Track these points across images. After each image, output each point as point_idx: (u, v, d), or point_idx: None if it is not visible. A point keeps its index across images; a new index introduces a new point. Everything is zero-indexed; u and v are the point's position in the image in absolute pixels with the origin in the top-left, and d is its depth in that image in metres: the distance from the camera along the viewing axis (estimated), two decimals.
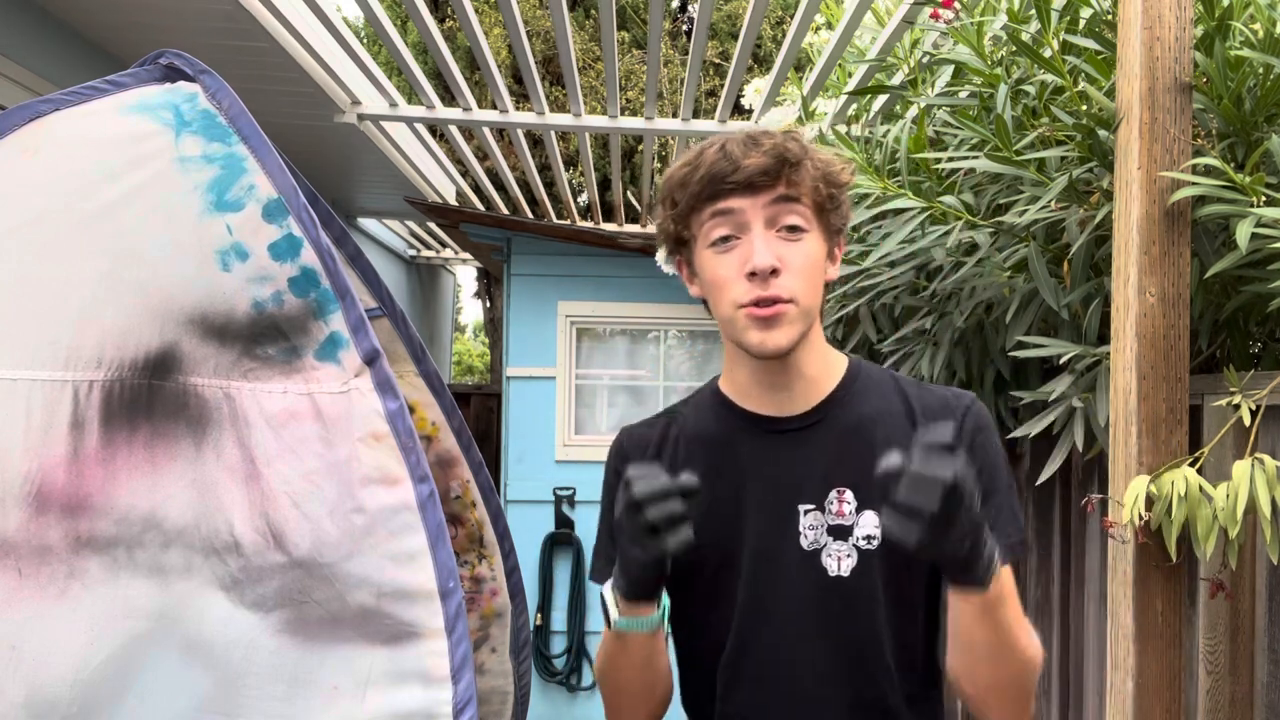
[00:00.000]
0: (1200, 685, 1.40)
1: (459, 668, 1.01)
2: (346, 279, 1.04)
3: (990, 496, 1.11)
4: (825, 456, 1.14)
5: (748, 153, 1.06)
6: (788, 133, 1.12)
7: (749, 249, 1.07)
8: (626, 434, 1.28)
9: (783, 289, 1.06)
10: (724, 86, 3.57)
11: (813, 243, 1.09)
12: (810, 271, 1.08)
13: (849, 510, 1.13)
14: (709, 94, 8.66)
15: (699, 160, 1.10)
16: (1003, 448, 1.17)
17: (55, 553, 0.99)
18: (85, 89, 1.12)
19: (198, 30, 3.02)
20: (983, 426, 1.15)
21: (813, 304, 1.10)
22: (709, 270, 1.11)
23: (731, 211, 1.08)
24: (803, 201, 1.08)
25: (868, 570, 1.12)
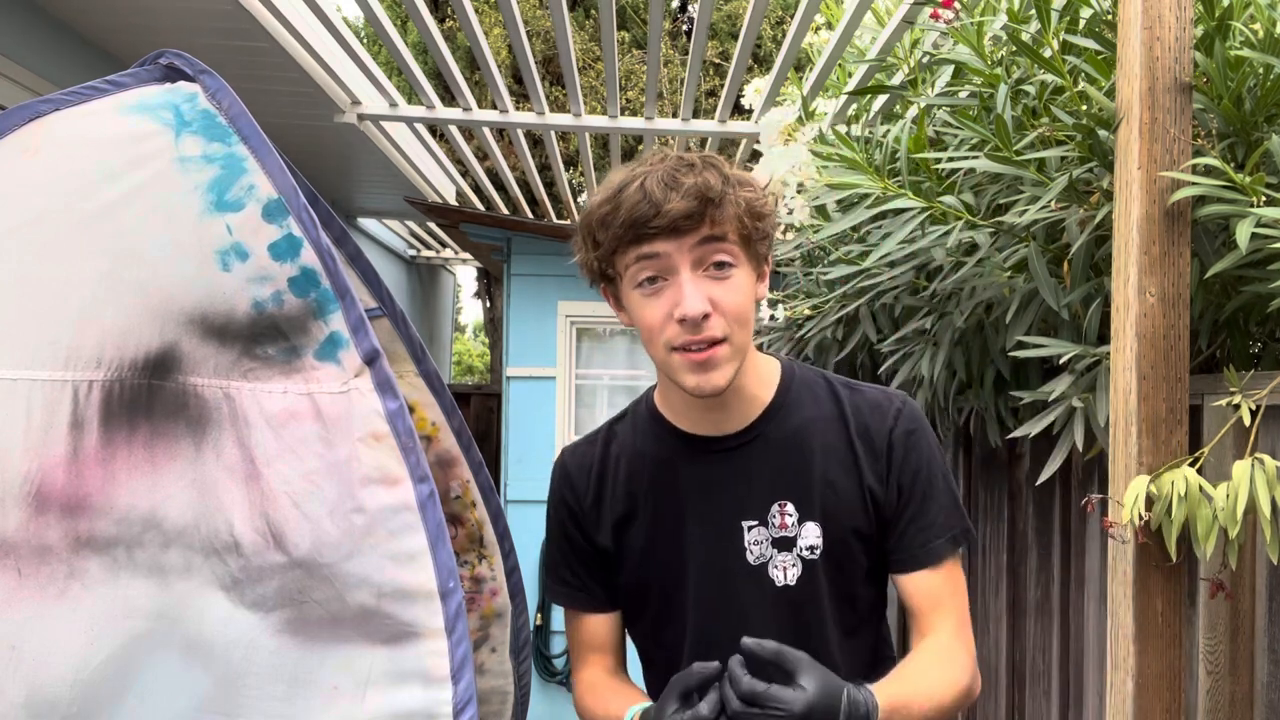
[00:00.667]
0: (1200, 685, 1.40)
1: (459, 668, 1.01)
2: (346, 279, 1.04)
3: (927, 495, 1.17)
4: (764, 471, 1.16)
5: (668, 195, 1.03)
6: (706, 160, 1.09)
7: (678, 293, 1.05)
8: (569, 453, 1.29)
9: (715, 330, 1.06)
10: (724, 86, 3.57)
11: (741, 276, 1.08)
12: (742, 306, 1.08)
13: (791, 522, 1.16)
14: (709, 94, 8.66)
15: (619, 199, 1.07)
16: (935, 441, 1.22)
17: (55, 553, 0.99)
18: (85, 89, 1.12)
19: (198, 30, 3.02)
20: (913, 429, 1.18)
21: (745, 338, 1.10)
22: (638, 312, 1.10)
23: (657, 255, 1.06)
24: (728, 239, 1.07)
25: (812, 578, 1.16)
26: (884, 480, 1.17)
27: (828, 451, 1.17)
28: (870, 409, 1.19)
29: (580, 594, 1.27)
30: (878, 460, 1.17)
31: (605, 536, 1.24)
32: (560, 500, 1.28)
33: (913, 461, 1.17)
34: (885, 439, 1.17)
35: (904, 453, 1.17)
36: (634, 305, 1.11)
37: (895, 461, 1.17)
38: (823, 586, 1.16)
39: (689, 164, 1.08)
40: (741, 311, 1.08)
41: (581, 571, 1.26)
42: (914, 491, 1.17)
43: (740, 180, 1.09)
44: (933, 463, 1.19)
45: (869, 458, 1.17)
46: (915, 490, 1.17)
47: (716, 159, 1.11)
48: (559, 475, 1.28)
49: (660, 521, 1.20)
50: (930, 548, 1.17)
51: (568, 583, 1.27)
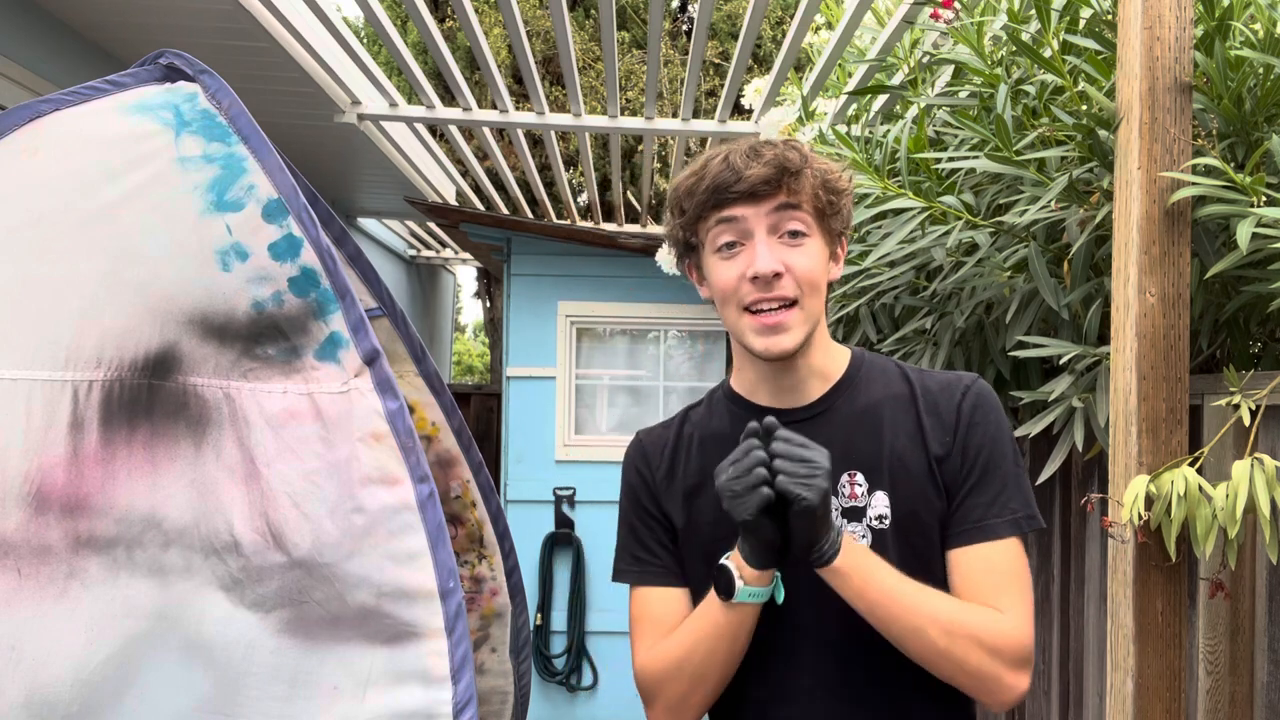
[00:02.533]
0: (1200, 685, 1.40)
1: (459, 668, 1.01)
2: (346, 279, 1.04)
3: (989, 470, 1.15)
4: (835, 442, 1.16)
5: (749, 163, 1.12)
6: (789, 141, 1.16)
7: (753, 254, 1.12)
8: (645, 434, 1.33)
9: (786, 289, 1.12)
10: (724, 86, 3.57)
11: (814, 246, 1.14)
12: (812, 273, 1.13)
13: (861, 492, 1.17)
14: (709, 94, 8.66)
15: (704, 170, 1.15)
16: (1007, 424, 1.20)
17: (55, 553, 0.99)
18: (85, 89, 1.12)
19: (198, 30, 3.02)
20: (980, 405, 1.18)
21: (816, 305, 1.15)
22: (716, 275, 1.17)
23: (735, 219, 1.13)
24: (803, 208, 1.13)
25: (882, 548, 1.16)
26: (949, 452, 1.17)
27: (897, 426, 1.19)
28: (940, 386, 1.20)
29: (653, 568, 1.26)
30: (945, 433, 1.18)
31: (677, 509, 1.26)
32: (635, 474, 1.29)
33: (978, 435, 1.17)
34: (953, 412, 1.18)
35: (969, 425, 1.17)
36: (712, 270, 1.17)
37: (960, 434, 1.17)
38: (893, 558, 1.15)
39: (771, 144, 1.16)
40: (814, 277, 1.13)
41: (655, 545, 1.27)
42: (976, 464, 1.16)
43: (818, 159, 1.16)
44: (999, 441, 1.17)
45: (937, 433, 1.18)
46: (978, 463, 1.16)
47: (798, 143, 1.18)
48: (634, 451, 1.31)
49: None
50: (987, 524, 1.14)
51: (640, 559, 1.27)
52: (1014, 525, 1.14)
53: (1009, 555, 1.14)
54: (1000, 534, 1.14)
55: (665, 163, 8.50)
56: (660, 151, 8.25)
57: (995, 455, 1.16)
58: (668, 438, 1.29)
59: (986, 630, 1.09)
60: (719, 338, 4.43)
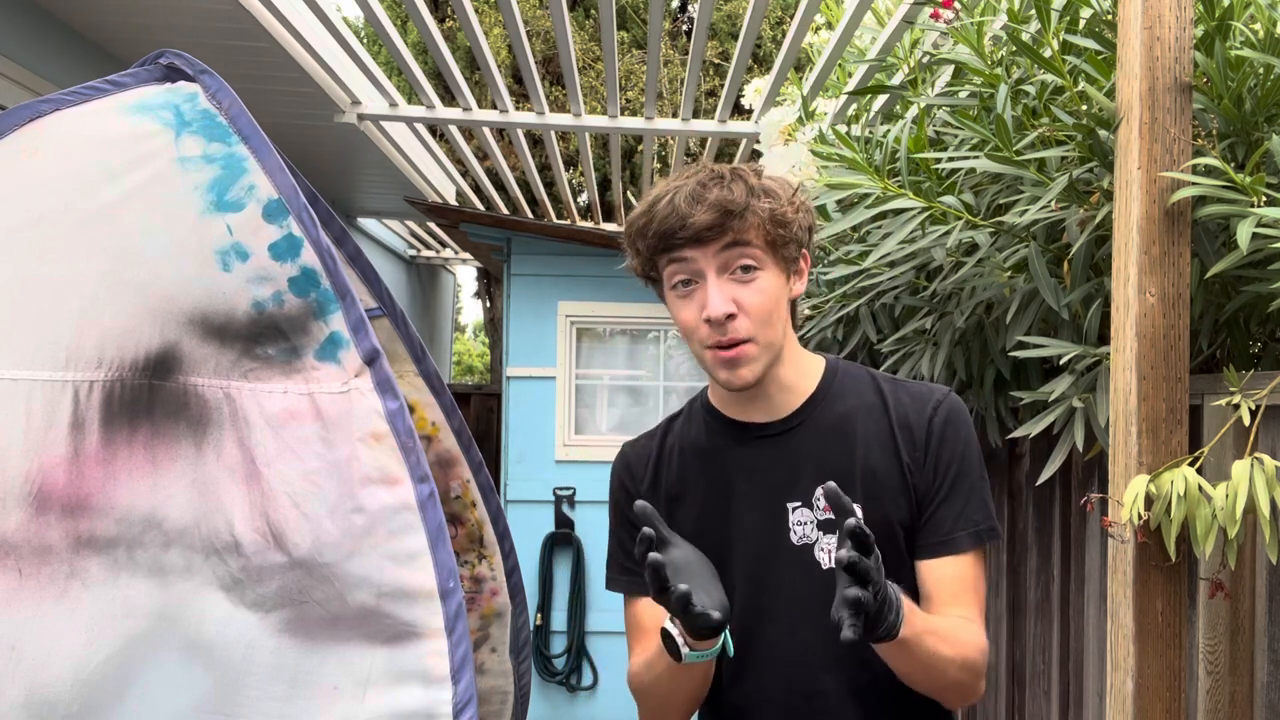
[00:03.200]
0: (1200, 685, 1.40)
1: (459, 668, 1.01)
2: (346, 279, 1.04)
3: (957, 484, 1.21)
4: (809, 455, 1.22)
5: (693, 208, 1.14)
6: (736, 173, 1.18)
7: (704, 295, 1.15)
8: (629, 447, 1.37)
9: (740, 330, 1.15)
10: (724, 86, 3.57)
11: (767, 278, 1.17)
12: (766, 306, 1.16)
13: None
14: (709, 94, 8.66)
15: (652, 212, 1.18)
16: (975, 438, 1.25)
17: (55, 553, 0.99)
18: (85, 89, 1.12)
19: (198, 30, 3.02)
20: (951, 420, 1.23)
21: (773, 335, 1.18)
22: (675, 311, 1.21)
23: (685, 260, 1.16)
24: (752, 244, 1.15)
25: None
26: (920, 466, 1.21)
27: (870, 438, 1.22)
28: (912, 399, 1.24)
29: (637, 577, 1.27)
30: (916, 447, 1.21)
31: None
32: (620, 487, 1.33)
33: (948, 450, 1.21)
34: (924, 427, 1.21)
35: (940, 440, 1.21)
36: (672, 306, 1.22)
37: (932, 448, 1.21)
38: None
39: (718, 177, 1.17)
40: (766, 311, 1.16)
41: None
42: (946, 478, 1.21)
43: (766, 190, 1.17)
44: (968, 456, 1.22)
45: (908, 445, 1.21)
46: (947, 477, 1.20)
47: (746, 171, 1.19)
48: (619, 465, 1.35)
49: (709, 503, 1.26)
50: (954, 538, 1.20)
51: (628, 569, 1.30)
52: (976, 538, 1.20)
53: (973, 567, 1.21)
54: (965, 547, 1.20)
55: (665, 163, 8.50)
56: (660, 151, 8.25)
57: (964, 469, 1.21)
58: (651, 449, 1.33)
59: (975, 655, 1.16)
60: None
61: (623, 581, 1.31)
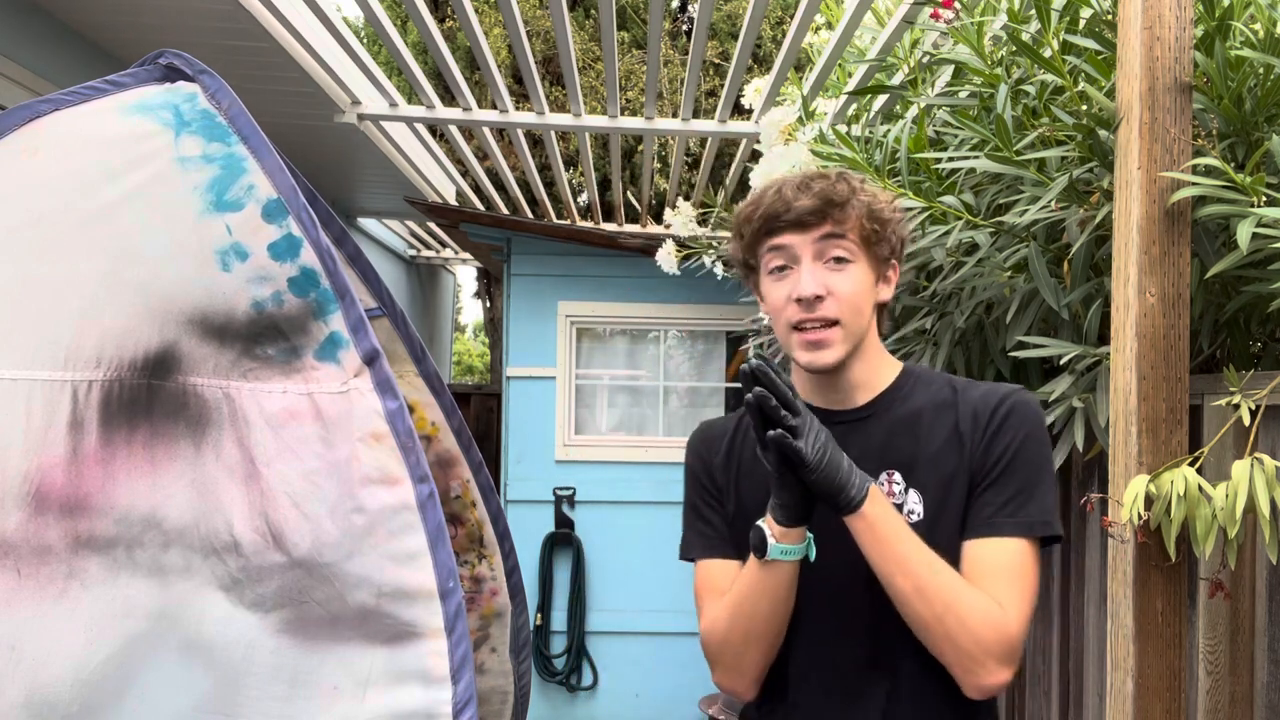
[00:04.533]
0: (1200, 685, 1.40)
1: (459, 667, 1.01)
2: (346, 279, 1.04)
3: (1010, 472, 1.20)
4: (876, 443, 1.26)
5: (799, 195, 1.22)
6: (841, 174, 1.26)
7: (798, 278, 1.22)
8: (708, 423, 1.43)
9: (828, 311, 1.21)
10: (724, 86, 3.57)
11: (858, 271, 1.23)
12: (854, 296, 1.22)
13: (898, 490, 1.24)
14: (709, 94, 8.66)
15: (760, 200, 1.26)
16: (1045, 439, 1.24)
17: (54, 553, 0.99)
18: (85, 89, 1.12)
19: (198, 30, 3.02)
20: (1016, 412, 1.23)
21: (858, 324, 1.24)
22: (768, 295, 1.27)
23: (784, 247, 1.23)
24: (848, 237, 1.22)
25: None
26: (976, 450, 1.23)
27: (936, 430, 1.25)
28: (982, 394, 1.26)
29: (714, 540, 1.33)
30: (977, 434, 1.23)
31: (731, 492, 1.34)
32: (696, 458, 1.38)
33: (1005, 438, 1.21)
34: (987, 414, 1.23)
35: (998, 429, 1.22)
36: (766, 289, 1.27)
37: (989, 433, 1.22)
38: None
39: (824, 175, 1.25)
40: (855, 300, 1.22)
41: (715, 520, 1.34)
42: (998, 464, 1.20)
43: (867, 191, 1.25)
44: (1027, 449, 1.21)
45: (971, 434, 1.24)
46: (999, 463, 1.20)
47: (849, 174, 1.26)
48: (696, 437, 1.40)
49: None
50: (997, 521, 1.18)
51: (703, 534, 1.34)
52: (1024, 528, 1.18)
53: (1016, 554, 1.17)
54: (1008, 533, 1.18)
55: (665, 163, 8.50)
56: (660, 151, 8.25)
57: (1019, 460, 1.20)
58: (728, 427, 1.38)
59: (977, 615, 1.13)
60: (719, 337, 4.43)
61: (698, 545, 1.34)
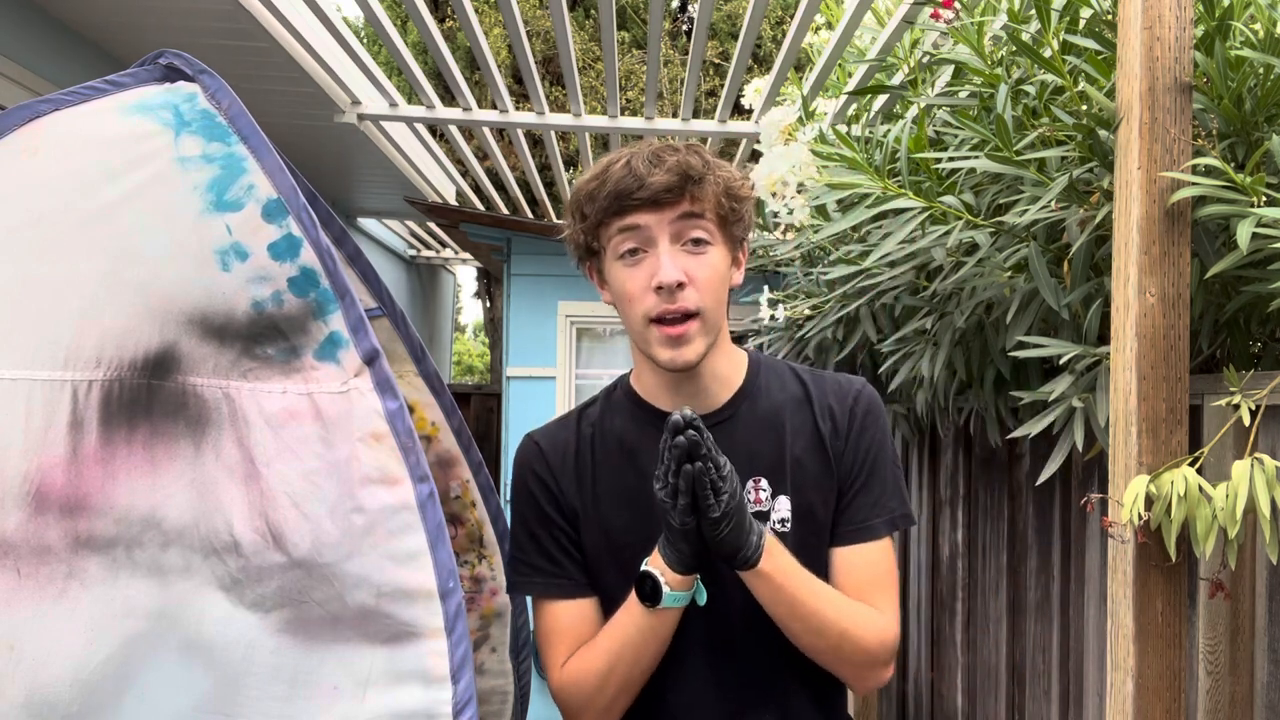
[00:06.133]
0: (1200, 685, 1.40)
1: (459, 667, 1.01)
2: (346, 279, 1.04)
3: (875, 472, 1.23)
4: (740, 449, 1.19)
5: (652, 170, 1.10)
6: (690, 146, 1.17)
7: (656, 263, 1.11)
8: (540, 436, 1.29)
9: (689, 301, 1.12)
10: (724, 86, 3.57)
11: (717, 255, 1.15)
12: (715, 282, 1.14)
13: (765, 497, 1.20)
14: (709, 94, 8.66)
15: (606, 174, 1.14)
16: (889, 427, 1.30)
17: (54, 553, 0.99)
18: (85, 89, 1.12)
19: (198, 30, 3.03)
20: (871, 410, 1.26)
21: (718, 315, 1.16)
22: (618, 282, 1.16)
23: (638, 227, 1.12)
24: (706, 216, 1.13)
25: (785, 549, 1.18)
26: (841, 455, 1.23)
27: (796, 430, 1.23)
28: (833, 390, 1.26)
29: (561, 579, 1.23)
30: (838, 437, 1.23)
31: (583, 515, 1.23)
32: (535, 478, 1.25)
33: (866, 439, 1.23)
34: (846, 416, 1.24)
35: (860, 430, 1.23)
36: (615, 276, 1.16)
37: (852, 437, 1.23)
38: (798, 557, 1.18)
39: (673, 148, 1.15)
40: (715, 287, 1.14)
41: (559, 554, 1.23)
42: (864, 467, 1.23)
43: (720, 165, 1.16)
44: (883, 444, 1.25)
45: (832, 435, 1.23)
46: (865, 466, 1.23)
47: (699, 146, 1.18)
48: (531, 455, 1.26)
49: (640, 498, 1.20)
50: (870, 525, 1.22)
51: (543, 570, 1.24)
52: (890, 525, 1.23)
53: (885, 554, 1.23)
54: (880, 534, 1.22)
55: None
56: None
57: (880, 458, 1.24)
58: (567, 439, 1.26)
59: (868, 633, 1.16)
60: None
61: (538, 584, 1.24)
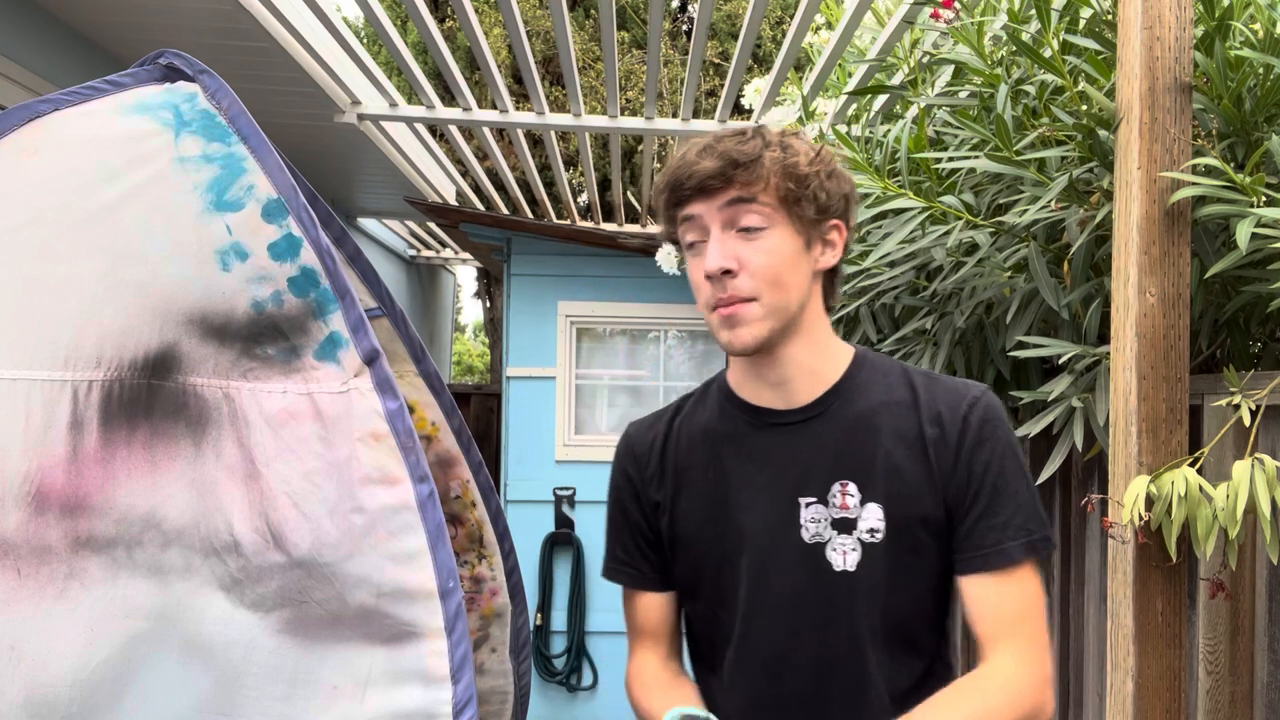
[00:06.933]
0: (1200, 685, 1.40)
1: (459, 667, 1.01)
2: (346, 279, 1.04)
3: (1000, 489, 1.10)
4: (828, 448, 1.13)
5: (701, 158, 1.08)
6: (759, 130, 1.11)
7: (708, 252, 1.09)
8: (634, 427, 1.30)
9: (740, 289, 1.07)
10: (724, 86, 3.57)
11: (776, 238, 1.08)
12: (772, 268, 1.07)
13: (853, 503, 1.12)
14: (709, 94, 8.66)
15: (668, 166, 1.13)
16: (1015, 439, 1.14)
17: (54, 553, 0.99)
18: (85, 89, 1.12)
19: (198, 30, 3.02)
20: (989, 419, 1.12)
21: (781, 299, 1.09)
22: (689, 274, 1.14)
23: (693, 217, 1.10)
24: (758, 200, 1.07)
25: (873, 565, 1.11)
26: (953, 468, 1.11)
27: (897, 435, 1.13)
28: (945, 395, 1.14)
29: (633, 572, 1.24)
30: (946, 447, 1.11)
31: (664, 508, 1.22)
32: (621, 471, 1.26)
33: (985, 452, 1.11)
34: (957, 425, 1.12)
35: (976, 441, 1.11)
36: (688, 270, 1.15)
37: (966, 449, 1.11)
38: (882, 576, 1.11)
39: (739, 133, 1.10)
40: (772, 272, 1.07)
41: (633, 547, 1.24)
42: (984, 483, 1.10)
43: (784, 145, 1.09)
44: (1007, 457, 1.11)
45: (939, 444, 1.12)
46: (985, 482, 1.10)
47: (764, 129, 1.11)
48: (622, 448, 1.27)
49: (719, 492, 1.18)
50: (1003, 549, 1.09)
51: (619, 559, 1.25)
52: (1029, 549, 1.09)
53: (1025, 584, 1.09)
54: (1015, 559, 1.08)
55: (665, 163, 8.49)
56: (660, 151, 8.25)
57: (1005, 473, 1.10)
58: (657, 433, 1.25)
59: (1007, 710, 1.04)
60: None
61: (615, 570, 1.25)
